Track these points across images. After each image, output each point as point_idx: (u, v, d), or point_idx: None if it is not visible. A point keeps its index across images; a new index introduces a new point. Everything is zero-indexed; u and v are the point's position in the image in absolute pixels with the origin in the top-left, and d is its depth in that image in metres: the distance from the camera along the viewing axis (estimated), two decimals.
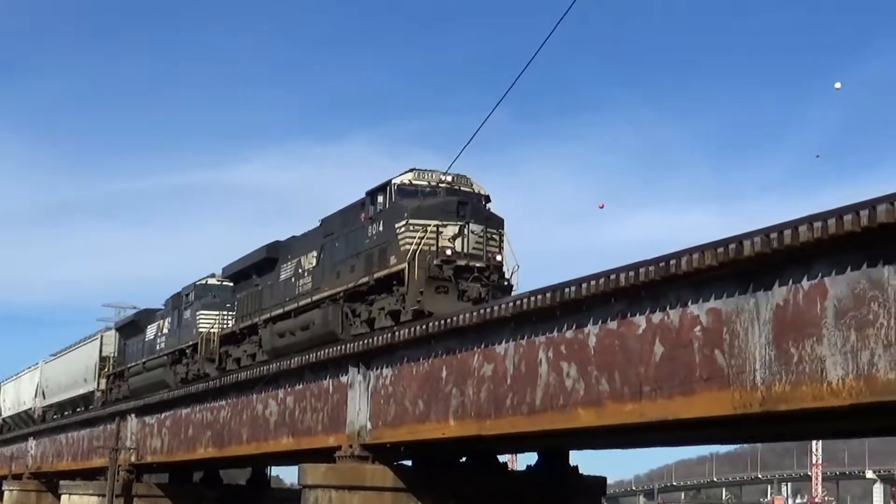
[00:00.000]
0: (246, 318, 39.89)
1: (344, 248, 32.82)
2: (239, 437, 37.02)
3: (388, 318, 29.54)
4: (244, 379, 35.80)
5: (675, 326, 18.95)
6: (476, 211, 29.84)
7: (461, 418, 24.82)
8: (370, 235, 31.21)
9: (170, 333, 48.22)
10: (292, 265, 36.70)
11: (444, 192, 30.24)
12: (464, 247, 29.01)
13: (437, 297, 28.32)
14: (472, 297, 28.22)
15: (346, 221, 33.23)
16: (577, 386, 21.18)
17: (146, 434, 46.84)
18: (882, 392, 15.20)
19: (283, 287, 36.89)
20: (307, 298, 34.46)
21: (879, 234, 15.15)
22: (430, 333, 25.67)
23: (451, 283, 28.54)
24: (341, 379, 29.97)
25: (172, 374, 46.54)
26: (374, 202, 31.50)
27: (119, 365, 56.41)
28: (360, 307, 31.39)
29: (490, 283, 28.85)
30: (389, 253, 29.80)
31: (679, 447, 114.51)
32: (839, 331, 15.87)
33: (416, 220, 29.21)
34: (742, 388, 17.47)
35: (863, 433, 33.48)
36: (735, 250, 17.21)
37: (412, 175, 30.68)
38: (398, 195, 30.37)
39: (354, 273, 31.58)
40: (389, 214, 30.37)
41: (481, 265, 28.98)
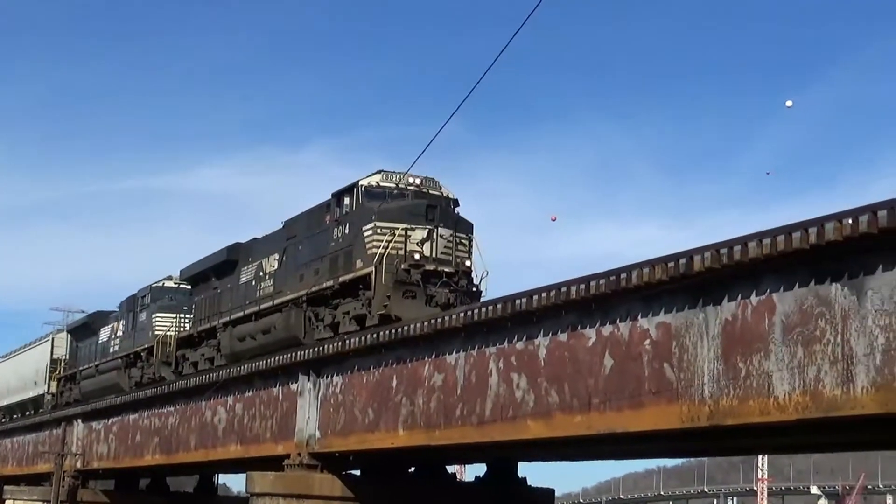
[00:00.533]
0: (204, 321, 39.10)
1: (308, 251, 32.09)
2: (187, 444, 36.80)
3: (353, 322, 28.91)
4: (193, 385, 35.60)
5: (624, 339, 19.05)
6: (445, 215, 29.21)
7: (411, 428, 24.80)
8: (335, 238, 30.51)
9: (124, 336, 47.23)
10: (253, 268, 35.93)
11: (412, 194, 29.63)
12: (432, 251, 28.36)
13: (404, 302, 27.64)
14: (440, 303, 27.60)
15: (310, 223, 32.51)
16: (527, 397, 21.23)
17: (92, 440, 46.45)
18: (828, 408, 15.36)
19: (244, 290, 36.10)
20: (268, 302, 33.75)
21: (827, 252, 15.33)
22: (381, 342, 25.65)
23: (419, 287, 27.85)
24: (291, 387, 29.87)
25: (126, 378, 45.57)
26: (339, 204, 30.80)
27: (71, 368, 55.35)
28: (323, 311, 30.67)
29: (459, 288, 28.29)
30: (356, 256, 29.13)
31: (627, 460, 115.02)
32: (786, 346, 16.03)
33: (383, 223, 28.50)
34: (690, 402, 17.59)
35: (808, 448, 33.83)
36: (685, 265, 17.35)
37: (380, 177, 29.96)
38: (365, 197, 29.66)
39: (318, 276, 30.91)
40: (356, 216, 29.65)
41: (450, 270, 28.38)
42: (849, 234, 14.82)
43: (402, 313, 27.08)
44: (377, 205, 29.17)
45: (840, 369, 15.18)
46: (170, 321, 42.73)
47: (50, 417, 52.68)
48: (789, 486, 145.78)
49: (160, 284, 45.34)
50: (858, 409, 14.98)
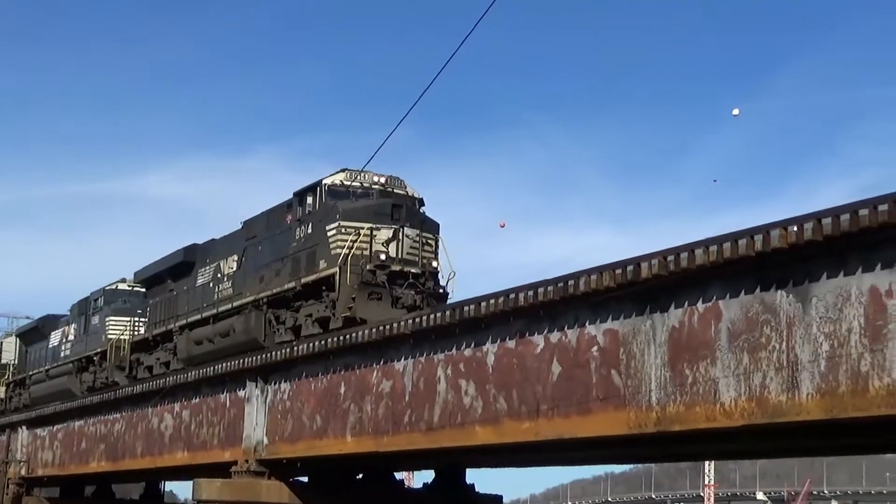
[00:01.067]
0: (160, 324, 38.18)
1: (268, 252, 31.27)
2: (133, 451, 36.52)
3: (315, 325, 28.30)
4: (140, 392, 35.35)
5: (572, 346, 19.11)
6: (411, 214, 28.58)
7: (359, 434, 24.76)
8: (298, 238, 29.76)
9: (76, 340, 46.09)
10: (211, 269, 35.07)
11: (377, 193, 28.97)
12: (398, 252, 27.72)
13: (369, 303, 26.97)
14: (406, 305, 27.05)
15: (270, 223, 31.71)
16: (476, 404, 21.25)
17: (37, 446, 45.99)
18: (773, 414, 15.47)
19: (201, 292, 35.22)
20: (227, 304, 32.89)
21: (773, 259, 15.46)
22: (329, 349, 25.58)
23: (385, 289, 27.21)
24: (238, 393, 29.73)
25: (78, 383, 44.63)
26: (302, 203, 30.07)
27: (20, 372, 54.25)
28: (285, 314, 29.94)
29: (425, 290, 27.66)
30: (319, 256, 28.40)
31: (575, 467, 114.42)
32: (732, 353, 16.14)
33: (348, 223, 27.85)
34: (637, 409, 17.67)
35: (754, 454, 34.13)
36: (633, 272, 17.42)
37: (344, 175, 29.25)
38: (329, 196, 28.94)
39: (280, 278, 30.11)
40: (319, 216, 28.93)
41: (416, 271, 27.77)
42: (794, 242, 14.94)
43: (367, 315, 26.49)
44: (342, 204, 28.46)
45: (785, 376, 15.31)
46: (124, 324, 41.73)
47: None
48: (735, 491, 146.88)
49: (113, 287, 44.21)
50: (804, 415, 15.11)
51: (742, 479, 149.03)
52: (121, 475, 43.46)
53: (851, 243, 14.50)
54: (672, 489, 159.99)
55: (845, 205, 14.46)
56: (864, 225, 14.05)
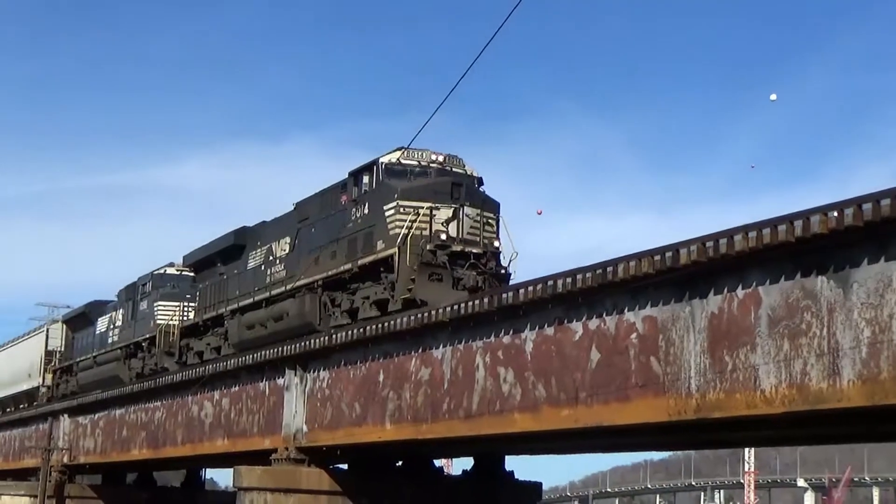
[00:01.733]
0: (209, 308, 37.37)
1: (323, 233, 30.37)
2: (174, 439, 36.76)
3: (373, 308, 27.50)
4: (180, 380, 35.55)
5: (611, 333, 19.06)
6: (471, 193, 27.68)
7: (398, 422, 24.81)
8: (354, 219, 28.88)
9: (124, 326, 45.45)
10: (262, 252, 34.27)
11: (434, 172, 28.07)
12: (458, 231, 26.80)
13: (430, 285, 26.13)
14: (467, 286, 26.11)
15: (324, 204, 30.85)
16: (514, 391, 21.24)
17: (79, 434, 46.38)
18: (814, 401, 15.39)
19: (253, 275, 34.40)
20: (280, 287, 32.09)
21: (813, 245, 15.35)
22: (368, 337, 25.63)
23: (446, 270, 26.30)
24: (278, 381, 29.85)
25: (126, 369, 44.05)
26: (357, 183, 29.12)
27: (67, 359, 53.58)
28: (340, 296, 29.12)
29: (487, 270, 26.68)
30: (376, 237, 27.54)
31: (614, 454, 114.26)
32: (772, 339, 16.06)
33: (406, 202, 26.92)
34: (677, 396, 17.61)
35: (795, 441, 33.92)
36: (671, 258, 17.36)
37: (401, 154, 28.28)
38: (386, 175, 28.04)
39: (335, 259, 29.23)
40: (376, 196, 28.03)
41: (478, 251, 26.77)
42: (834, 227, 14.85)
43: (427, 297, 25.66)
44: (399, 183, 27.63)
45: (826, 362, 15.22)
46: (172, 309, 41.01)
47: (36, 412, 52.55)
48: (776, 478, 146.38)
49: (162, 271, 43.36)
50: (845, 402, 15.02)
51: (783, 466, 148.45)
52: (162, 463, 43.70)
53: (892, 228, 14.38)
54: (712, 476, 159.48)
55: (886, 190, 14.35)
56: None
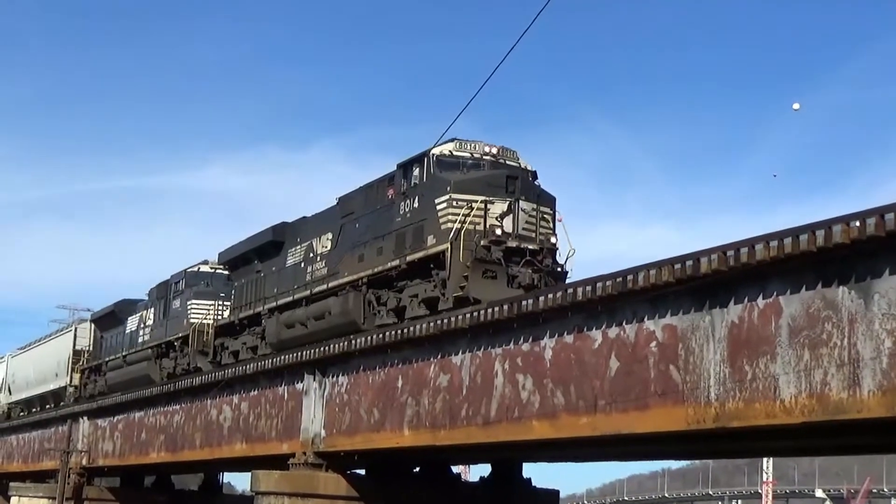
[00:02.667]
0: (246, 307, 36.22)
1: (368, 228, 29.19)
2: (192, 443, 36.84)
3: (421, 306, 26.51)
4: (199, 384, 35.63)
5: (630, 341, 19.05)
6: (526, 186, 26.39)
7: (416, 428, 24.82)
8: (402, 213, 27.67)
9: (155, 325, 44.46)
10: (302, 249, 33.04)
11: (488, 164, 26.95)
12: (514, 227, 25.57)
13: (484, 282, 24.86)
14: (523, 284, 24.93)
15: (370, 199, 29.64)
16: (533, 398, 21.24)
17: (98, 437, 46.53)
18: (834, 411, 15.35)
19: (292, 273, 33.16)
20: (322, 285, 30.84)
21: (834, 255, 15.32)
22: (387, 342, 25.65)
23: (501, 266, 25.06)
24: (296, 386, 29.90)
25: (158, 369, 43.16)
26: (407, 175, 27.85)
27: (95, 359, 52.70)
28: (386, 294, 28.05)
29: (543, 268, 25.45)
30: (427, 232, 26.37)
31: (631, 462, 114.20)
32: (793, 349, 16.02)
33: (459, 195, 25.71)
34: (696, 404, 17.58)
35: (814, 452, 33.79)
36: (692, 267, 17.35)
37: (453, 145, 27.12)
38: (437, 167, 26.80)
39: (382, 256, 28.05)
40: (427, 189, 26.85)
41: (534, 248, 25.52)
42: (856, 237, 14.82)
43: (481, 295, 24.43)
44: (452, 175, 26.40)
45: (846, 373, 15.18)
46: (206, 308, 40.19)
47: (56, 414, 52.73)
48: (794, 489, 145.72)
49: (195, 269, 42.45)
50: (865, 413, 14.97)
51: (801, 477, 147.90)
52: (180, 466, 43.87)
53: None
54: (730, 486, 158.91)
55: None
56: None
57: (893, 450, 26.77)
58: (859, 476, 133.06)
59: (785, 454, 43.68)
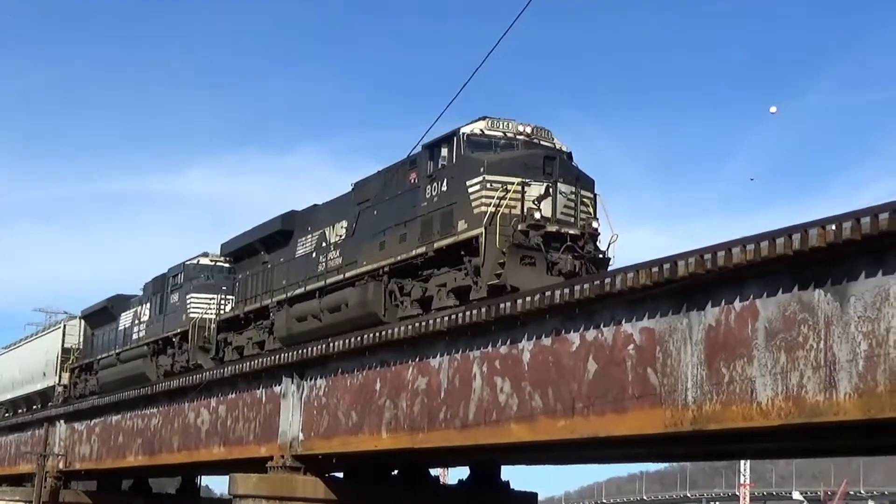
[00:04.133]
0: (252, 300, 34.61)
1: (389, 215, 27.63)
2: (170, 446, 36.76)
3: (450, 296, 25.01)
4: (176, 387, 35.54)
5: (608, 344, 19.09)
6: (565, 168, 24.82)
7: (394, 431, 24.82)
8: (428, 197, 26.06)
9: (151, 320, 42.74)
10: (314, 238, 31.44)
11: (521, 144, 25.32)
12: (553, 211, 24.05)
13: (522, 269, 23.33)
14: (563, 271, 23.36)
15: (390, 183, 28.04)
16: (511, 401, 21.26)
17: (75, 440, 46.36)
18: (810, 414, 15.41)
19: (303, 263, 31.57)
20: (337, 275, 29.24)
21: (811, 258, 15.39)
22: (365, 345, 25.63)
23: (540, 252, 23.51)
24: (274, 389, 29.85)
25: (154, 367, 41.47)
26: (433, 157, 26.18)
27: (85, 357, 50.90)
28: (410, 284, 26.51)
29: (584, 254, 23.89)
30: (457, 216, 24.80)
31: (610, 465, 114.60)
32: (769, 352, 16.08)
33: (494, 177, 24.17)
34: (673, 407, 17.63)
35: (790, 454, 33.96)
36: (669, 270, 17.40)
37: (484, 124, 25.57)
38: (468, 147, 25.26)
39: (405, 243, 26.50)
40: (457, 171, 25.24)
41: (575, 233, 23.99)
42: (832, 241, 14.89)
43: (519, 283, 22.98)
44: (485, 156, 24.84)
45: (823, 375, 15.24)
46: (207, 302, 38.44)
47: (32, 418, 52.49)
48: (771, 491, 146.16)
49: (195, 261, 40.66)
50: (841, 415, 15.04)
51: (778, 479, 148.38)
52: (157, 469, 43.68)
53: (890, 242, 14.43)
54: (707, 488, 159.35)
55: (884, 203, 14.39)
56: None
57: (870, 452, 26.96)
58: (836, 478, 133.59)
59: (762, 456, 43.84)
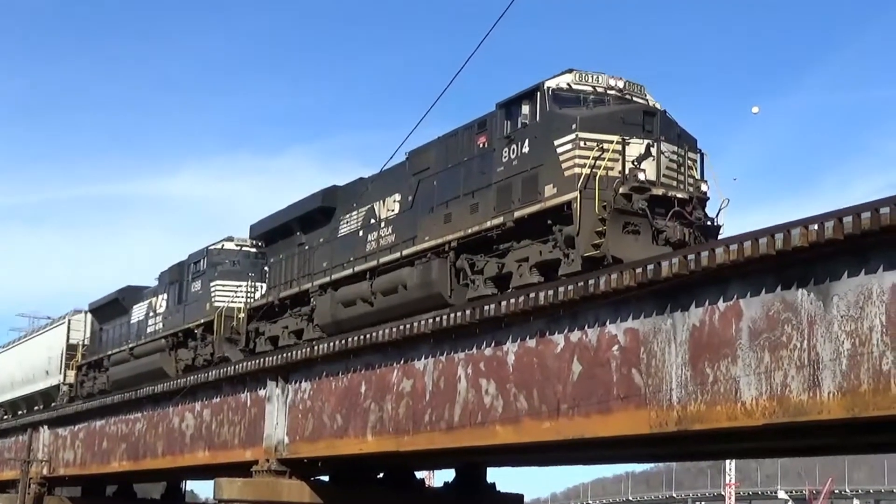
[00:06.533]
0: (287, 285, 31.57)
1: (454, 184, 24.71)
2: (154, 451, 36.66)
3: (533, 272, 22.34)
4: (161, 391, 35.46)
5: (593, 345, 19.11)
6: (666, 125, 22.03)
7: (379, 434, 24.80)
8: (505, 160, 23.09)
9: (168, 312, 39.98)
10: (360, 214, 28.54)
11: (613, 101, 22.61)
12: (657, 173, 21.32)
13: (625, 238, 20.59)
14: (671, 241, 20.67)
15: (453, 150, 25.21)
16: (496, 403, 21.25)
17: (59, 446, 46.21)
18: (794, 413, 15.45)
19: (349, 242, 28.66)
20: (392, 253, 26.47)
21: (794, 258, 15.44)
22: (350, 348, 25.61)
23: (646, 219, 20.78)
24: (259, 392, 29.81)
25: (173, 361, 38.69)
26: (511, 116, 23.34)
27: (93, 353, 47.86)
28: (482, 260, 23.74)
29: (694, 221, 21.23)
30: (544, 181, 21.87)
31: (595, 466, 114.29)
32: (753, 352, 16.12)
33: (588, 134, 21.30)
34: (658, 408, 17.66)
35: (775, 453, 34.02)
36: (653, 271, 17.42)
37: (571, 77, 22.75)
38: (554, 103, 22.38)
39: (478, 214, 23.66)
40: (542, 129, 22.33)
41: (683, 196, 21.39)
42: (815, 241, 14.94)
43: (622, 253, 20.29)
44: (576, 111, 22.02)
45: (806, 374, 15.29)
46: (233, 289, 35.85)
47: (16, 423, 52.27)
48: (757, 490, 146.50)
49: (219, 246, 37.97)
50: (825, 414, 15.08)
51: (763, 478, 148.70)
52: (142, 475, 43.53)
53: (873, 241, 14.49)
54: (693, 488, 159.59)
55: (866, 203, 14.45)
56: (886, 223, 14.05)
57: (854, 450, 27.02)
58: (821, 477, 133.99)
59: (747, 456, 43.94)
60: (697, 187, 21.90)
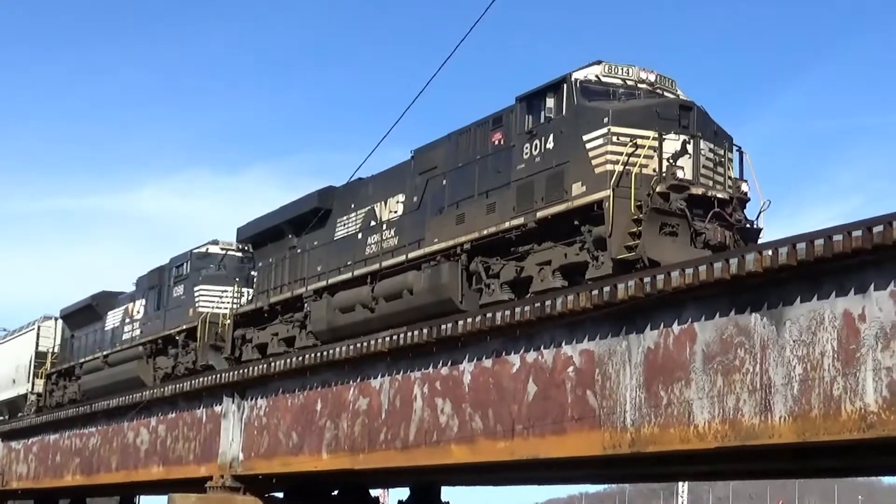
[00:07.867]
0: (277, 290, 30.15)
1: (467, 183, 23.33)
2: (108, 465, 36.43)
3: (557, 276, 20.98)
4: (116, 406, 35.25)
5: (548, 366, 19.19)
6: (703, 121, 20.72)
7: (335, 451, 24.77)
8: (527, 157, 21.69)
9: (147, 318, 38.25)
10: (359, 216, 27.25)
11: (644, 95, 21.38)
12: (694, 171, 20.02)
13: (662, 240, 19.32)
14: (711, 243, 19.46)
15: (463, 147, 23.86)
16: (451, 422, 21.29)
17: (12, 459, 45.80)
18: (746, 436, 15.59)
19: (347, 245, 27.31)
20: (396, 256, 25.09)
21: (747, 282, 15.60)
22: (306, 365, 25.57)
23: (684, 219, 19.52)
24: (215, 408, 29.70)
25: (151, 370, 37.14)
26: (534, 110, 21.90)
27: (63, 361, 46.01)
28: (499, 263, 22.40)
29: (734, 223, 20.08)
30: (571, 178, 20.46)
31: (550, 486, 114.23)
32: (707, 375, 16.26)
33: (622, 129, 19.97)
34: (612, 430, 17.75)
35: (728, 476, 34.20)
36: (609, 293, 17.53)
37: (600, 69, 21.46)
38: (583, 96, 21.03)
39: (495, 214, 22.24)
40: (569, 123, 20.95)
41: (723, 196, 20.17)
42: (768, 266, 15.10)
43: (660, 256, 19.00)
44: (608, 104, 20.69)
45: (758, 398, 15.43)
46: (219, 294, 34.40)
47: None
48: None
49: (203, 250, 36.18)
50: (776, 438, 15.22)
51: (715, 500, 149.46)
52: (95, 489, 43.21)
53: (825, 268, 14.67)
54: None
55: (820, 230, 14.64)
56: (838, 250, 14.22)
57: (805, 475, 27.20)
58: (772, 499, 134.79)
59: (700, 478, 44.14)
60: (737, 187, 20.82)
